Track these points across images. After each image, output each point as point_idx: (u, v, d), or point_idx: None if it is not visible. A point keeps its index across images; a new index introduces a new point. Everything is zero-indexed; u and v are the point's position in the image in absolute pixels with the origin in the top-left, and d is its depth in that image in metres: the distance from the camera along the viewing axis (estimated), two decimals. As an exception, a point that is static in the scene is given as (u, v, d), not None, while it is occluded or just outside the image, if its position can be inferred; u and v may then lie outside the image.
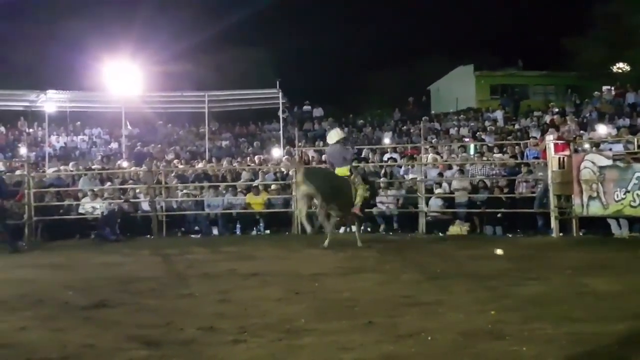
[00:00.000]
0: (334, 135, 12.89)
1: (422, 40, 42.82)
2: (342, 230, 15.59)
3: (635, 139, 15.31)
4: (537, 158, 15.56)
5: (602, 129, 19.48)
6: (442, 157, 17.85)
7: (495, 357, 5.07)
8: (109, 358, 5.29)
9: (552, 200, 13.39)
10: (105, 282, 8.93)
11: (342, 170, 12.28)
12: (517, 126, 25.25)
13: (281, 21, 43.32)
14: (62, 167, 19.79)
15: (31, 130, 27.87)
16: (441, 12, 44.04)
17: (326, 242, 12.11)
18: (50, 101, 25.16)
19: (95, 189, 16.78)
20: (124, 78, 25.09)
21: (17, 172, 18.10)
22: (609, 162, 12.93)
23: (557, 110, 25.87)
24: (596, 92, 28.44)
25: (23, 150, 24.02)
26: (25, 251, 13.62)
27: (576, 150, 13.98)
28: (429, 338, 5.58)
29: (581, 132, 19.63)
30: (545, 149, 14.06)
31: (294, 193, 15.17)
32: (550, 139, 14.05)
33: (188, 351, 5.41)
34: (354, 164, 14.16)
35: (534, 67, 36.89)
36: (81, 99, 26.38)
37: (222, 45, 38.57)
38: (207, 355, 5.31)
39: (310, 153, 20.22)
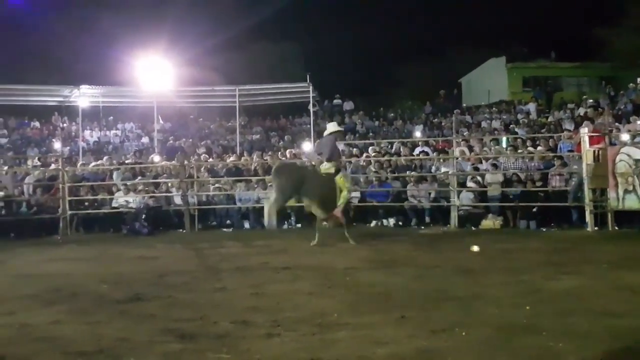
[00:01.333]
0: (331, 127, 12.67)
1: (453, 32, 42.71)
2: (373, 223, 15.59)
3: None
4: (571, 151, 15.37)
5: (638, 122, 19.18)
6: (472, 151, 17.69)
7: (531, 352, 5.00)
8: (143, 351, 5.31)
9: (587, 194, 13.22)
10: (139, 276, 8.99)
11: (327, 167, 11.92)
12: (550, 119, 24.96)
13: (311, 14, 43.36)
14: (98, 162, 19.96)
15: (65, 125, 28.21)
16: (472, 4, 43.76)
17: (315, 241, 11.95)
18: (83, 96, 25.47)
19: (128, 183, 16.93)
20: (155, 73, 25.27)
21: (52, 167, 18.30)
22: (646, 155, 12.75)
23: (591, 102, 25.52)
24: (631, 84, 28.01)
25: (57, 145, 24.33)
26: (60, 245, 13.79)
27: (611, 143, 13.78)
28: (463, 333, 5.53)
29: (617, 124, 19.34)
30: (579, 142, 13.89)
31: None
32: (584, 131, 13.86)
33: (222, 345, 5.41)
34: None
35: (567, 59, 36.39)
36: (114, 94, 26.66)
37: (253, 40, 38.78)
38: (241, 349, 5.31)
39: (341, 147, 20.18)
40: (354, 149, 19.85)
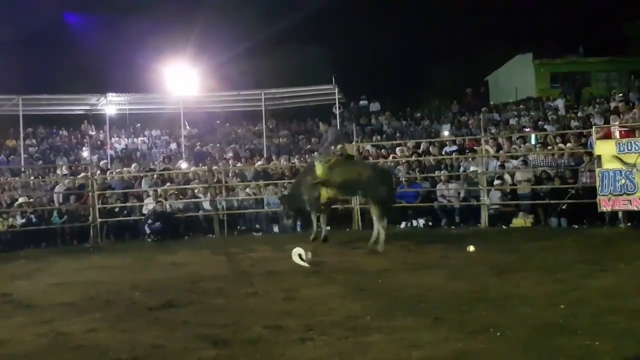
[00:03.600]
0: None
1: (478, 29, 42.23)
2: (403, 224, 15.52)
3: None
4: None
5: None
6: (501, 149, 17.50)
7: (568, 352, 4.95)
8: (178, 358, 5.35)
9: (619, 190, 13.02)
10: (171, 282, 9.04)
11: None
12: (579, 114, 24.65)
13: (336, 16, 43.24)
14: (125, 170, 20.09)
15: (93, 133, 28.45)
16: (497, 0, 43.32)
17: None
18: (110, 104, 25.73)
19: (158, 190, 17.02)
20: (181, 79, 25.43)
21: (81, 175, 18.44)
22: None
23: (620, 96, 25.17)
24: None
25: (86, 153, 24.54)
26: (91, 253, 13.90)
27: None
28: (499, 334, 5.49)
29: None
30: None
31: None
32: (615, 125, 13.65)
33: (256, 350, 5.42)
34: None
35: (596, 54, 35.83)
36: (140, 101, 26.92)
37: (278, 43, 38.76)
38: (275, 354, 5.32)
39: (368, 148, 20.14)
40: (382, 150, 19.78)
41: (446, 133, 24.88)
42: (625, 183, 12.51)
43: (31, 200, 16.75)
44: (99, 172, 18.10)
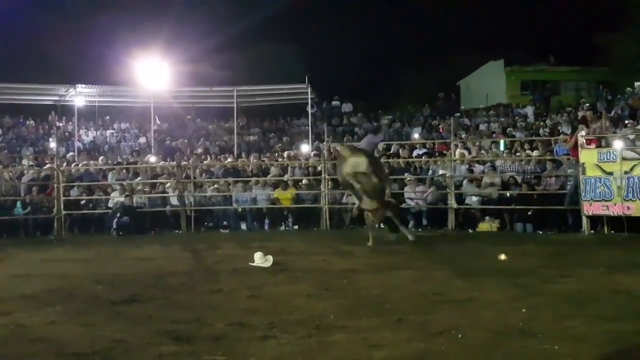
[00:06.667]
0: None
1: (452, 35, 42.61)
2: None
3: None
4: (567, 154, 15.36)
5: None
6: (469, 153, 17.66)
7: (527, 355, 5.00)
8: (139, 353, 5.29)
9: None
10: (135, 277, 8.99)
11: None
12: (548, 122, 24.92)
13: (311, 16, 43.32)
14: (92, 162, 19.88)
15: (61, 124, 28.12)
16: (471, 7, 43.67)
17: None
18: (79, 95, 25.45)
19: (124, 183, 16.89)
20: (153, 73, 25.24)
21: (47, 166, 18.21)
22: (640, 159, 12.74)
23: (587, 105, 25.50)
24: (628, 88, 28.04)
25: (52, 145, 24.27)
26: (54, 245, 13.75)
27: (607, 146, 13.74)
28: (460, 336, 5.52)
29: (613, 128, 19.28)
30: (574, 146, 13.84)
31: (322, 189, 15.28)
32: (582, 134, 13.84)
33: (218, 347, 5.39)
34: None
35: (566, 63, 36.28)
36: (110, 94, 26.65)
37: (252, 41, 38.67)
38: (237, 351, 5.29)
39: (338, 148, 20.15)
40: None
41: (416, 136, 25.00)
42: (603, 190, 12.75)
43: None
44: (65, 163, 17.91)
